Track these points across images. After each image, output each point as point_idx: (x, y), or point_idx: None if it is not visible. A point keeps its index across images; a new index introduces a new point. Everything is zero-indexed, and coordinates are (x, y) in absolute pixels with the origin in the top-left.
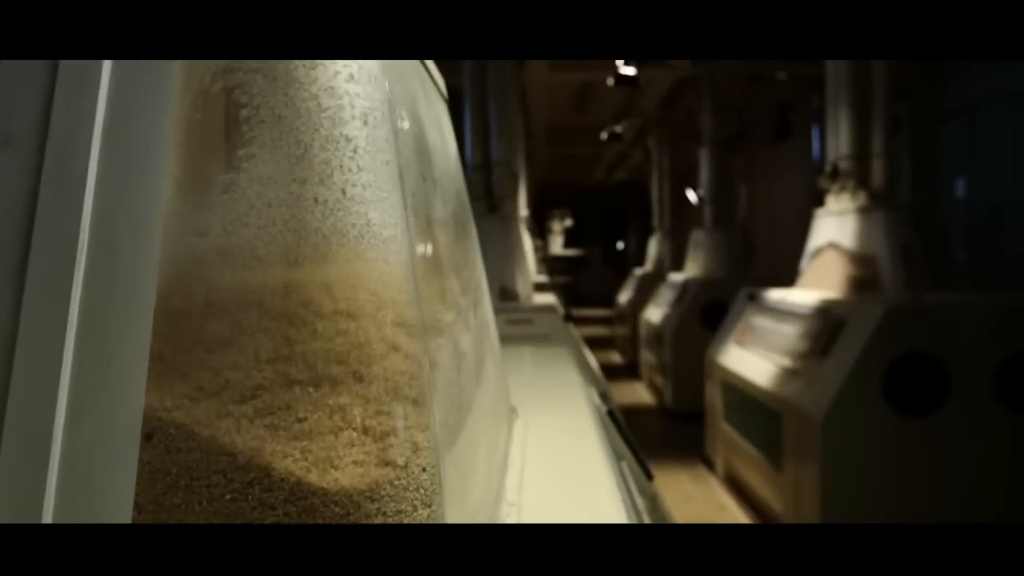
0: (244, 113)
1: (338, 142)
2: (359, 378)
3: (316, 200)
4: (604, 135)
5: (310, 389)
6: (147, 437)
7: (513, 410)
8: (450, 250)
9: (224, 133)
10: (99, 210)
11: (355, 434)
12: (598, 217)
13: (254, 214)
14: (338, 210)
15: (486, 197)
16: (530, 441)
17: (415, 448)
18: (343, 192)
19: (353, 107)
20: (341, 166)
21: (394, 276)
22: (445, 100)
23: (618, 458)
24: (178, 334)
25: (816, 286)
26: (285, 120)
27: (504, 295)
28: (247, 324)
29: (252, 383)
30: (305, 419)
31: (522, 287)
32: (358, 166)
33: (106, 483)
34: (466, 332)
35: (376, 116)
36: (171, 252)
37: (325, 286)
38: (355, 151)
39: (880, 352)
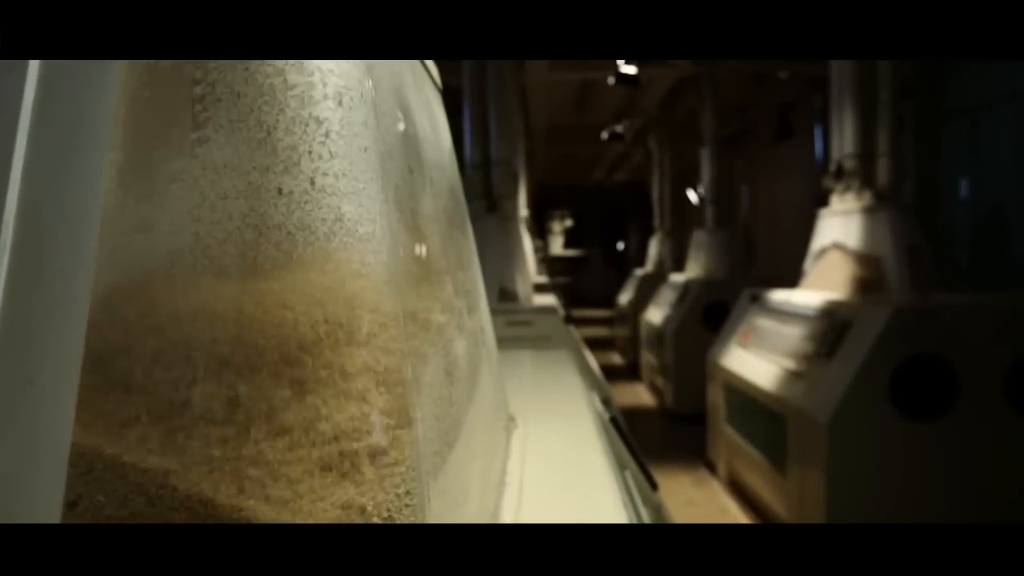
0: (198, 90)
1: (307, 125)
2: (331, 408)
3: (280, 191)
4: (604, 135)
5: (270, 426)
6: (71, 505)
7: (512, 419)
8: (442, 250)
9: (174, 113)
10: (25, 203)
11: (324, 485)
12: (598, 217)
13: (207, 207)
14: (306, 203)
15: (485, 196)
16: (529, 454)
17: (398, 505)
18: (312, 182)
19: (325, 85)
20: (310, 152)
21: (371, 280)
22: (438, 89)
23: (621, 468)
24: (114, 351)
25: (820, 287)
26: (245, 99)
27: (503, 296)
28: (197, 338)
29: (200, 419)
30: (262, 464)
31: (522, 288)
32: (330, 152)
33: (24, 518)
34: (459, 339)
35: (352, 96)
36: (110, 251)
37: (289, 292)
38: (327, 135)
39: (887, 354)
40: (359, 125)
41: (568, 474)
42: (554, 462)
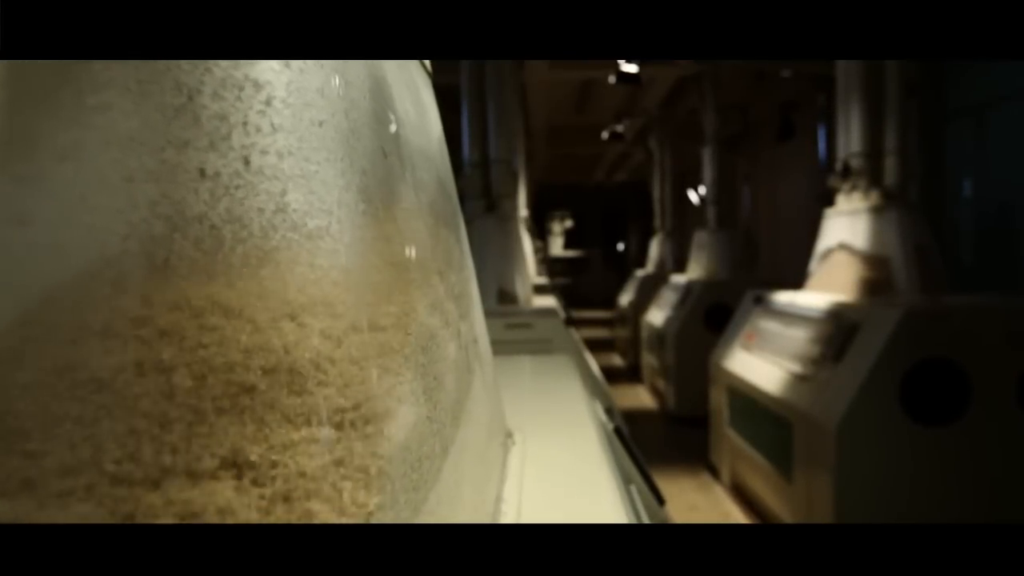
0: None
1: (241, 89)
2: (271, 463)
3: (203, 173)
4: (605, 135)
5: (186, 487)
6: None
7: (509, 435)
8: (430, 250)
9: (66, 71)
10: None
11: None
12: (598, 218)
13: (106, 193)
14: (237, 188)
15: (484, 196)
16: (528, 473)
17: None
18: (245, 162)
19: None
20: (244, 124)
21: (324, 289)
22: (427, 72)
23: (626, 482)
24: None
25: (826, 288)
26: None
27: (502, 298)
28: (91, 369)
29: (94, 479)
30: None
31: (521, 289)
32: (272, 125)
33: None
34: (449, 353)
35: None
36: None
37: (211, 305)
38: (268, 103)
39: (897, 358)
40: (312, 92)
41: (570, 494)
42: (555, 481)
